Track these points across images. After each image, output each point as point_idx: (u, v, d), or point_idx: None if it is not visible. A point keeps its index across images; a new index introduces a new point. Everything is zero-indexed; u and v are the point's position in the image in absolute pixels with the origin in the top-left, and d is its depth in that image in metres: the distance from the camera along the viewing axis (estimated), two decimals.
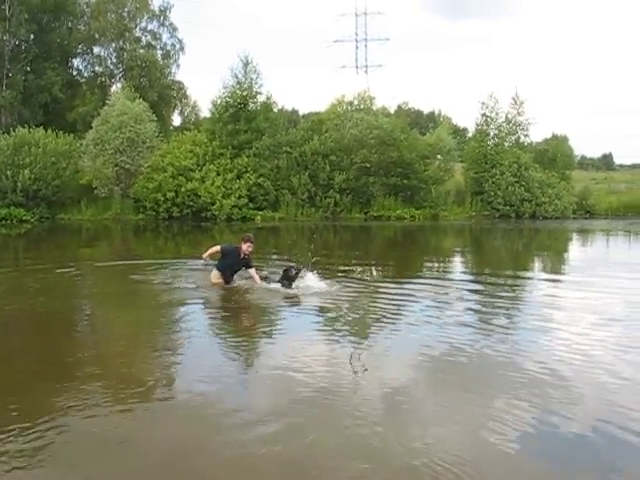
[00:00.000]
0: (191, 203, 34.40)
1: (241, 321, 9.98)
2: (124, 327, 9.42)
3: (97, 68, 50.15)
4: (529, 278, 15.61)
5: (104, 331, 9.36)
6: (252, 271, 11.95)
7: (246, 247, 11.82)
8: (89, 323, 10.29)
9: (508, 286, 13.52)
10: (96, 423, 5.31)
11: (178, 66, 51.65)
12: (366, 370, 7.06)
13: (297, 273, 11.48)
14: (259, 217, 34.36)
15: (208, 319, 10.07)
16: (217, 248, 12.27)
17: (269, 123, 37.70)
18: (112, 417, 5.44)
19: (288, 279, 11.48)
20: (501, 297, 12.01)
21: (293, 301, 10.92)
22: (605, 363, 7.40)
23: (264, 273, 12.48)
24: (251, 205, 34.88)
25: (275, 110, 41.38)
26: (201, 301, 11.13)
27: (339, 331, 8.89)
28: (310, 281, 11.53)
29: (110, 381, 6.48)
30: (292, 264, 12.09)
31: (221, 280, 11.97)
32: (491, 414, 5.66)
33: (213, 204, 34.05)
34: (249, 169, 35.37)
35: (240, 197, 34.32)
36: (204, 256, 12.25)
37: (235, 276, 12.13)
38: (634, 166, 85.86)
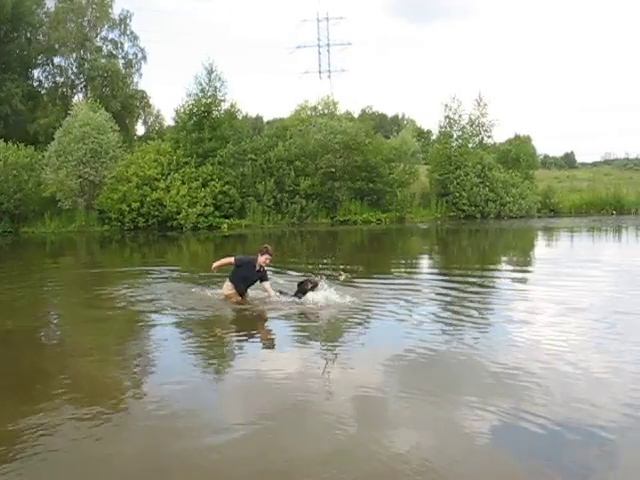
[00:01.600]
0: (156, 213, 34.23)
1: (217, 330, 9.65)
2: (92, 338, 9.28)
3: (58, 79, 49.79)
4: (497, 275, 15.94)
5: (71, 342, 9.21)
6: (267, 284, 11.18)
7: (264, 259, 11.01)
8: (56, 335, 10.08)
9: (477, 283, 13.76)
10: (66, 438, 5.24)
11: (140, 75, 51.55)
12: (341, 374, 7.07)
13: (314, 287, 10.82)
14: (225, 225, 34.25)
15: (181, 328, 9.73)
16: (230, 260, 11.35)
17: (234, 130, 37.69)
18: (83, 432, 5.35)
19: (304, 292, 10.84)
20: (471, 294, 12.18)
21: (286, 311, 10.49)
22: (574, 354, 7.63)
23: (279, 287, 11.78)
24: (217, 213, 34.76)
25: (239, 117, 41.36)
26: (174, 310, 10.73)
27: (315, 336, 8.96)
28: (327, 293, 10.84)
29: (79, 394, 6.40)
30: (309, 277, 11.33)
31: (234, 291, 11.18)
32: (465, 414, 5.72)
33: (179, 213, 33.90)
34: (214, 177, 35.25)
35: (206, 205, 34.19)
36: (213, 267, 11.52)
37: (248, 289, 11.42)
38: (595, 164, 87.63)
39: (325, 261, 12.59)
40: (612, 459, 4.86)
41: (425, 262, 20.13)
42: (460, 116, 40.56)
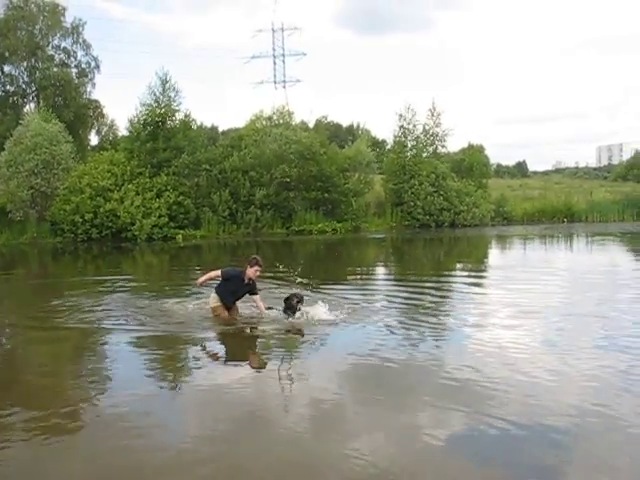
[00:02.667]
0: (110, 224, 33.80)
1: (171, 345, 9.32)
2: (44, 352, 9.12)
3: (8, 87, 48.74)
4: (453, 281, 16.36)
5: (22, 356, 9.08)
6: (257, 298, 10.62)
7: (253, 272, 10.36)
8: (6, 348, 9.90)
9: (432, 289, 13.99)
10: (16, 457, 5.16)
11: (94, 84, 50.70)
12: (296, 385, 7.09)
13: (299, 302, 10.22)
14: (180, 236, 34.02)
15: (138, 341, 9.46)
16: (216, 273, 10.59)
17: (188, 141, 37.35)
18: (35, 450, 5.26)
19: (291, 308, 10.26)
20: (426, 299, 12.36)
21: (261, 324, 10.26)
22: (529, 356, 7.91)
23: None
24: (172, 224, 34.50)
25: (194, 127, 41.10)
26: (130, 323, 10.48)
27: (271, 346, 8.99)
28: (317, 309, 10.31)
29: (30, 410, 6.28)
30: (294, 292, 10.75)
31: (220, 304, 10.48)
32: (422, 419, 5.84)
33: (133, 224, 33.52)
34: (169, 188, 35.01)
35: (160, 216, 33.90)
36: (199, 282, 10.91)
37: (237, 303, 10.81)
38: (547, 173, 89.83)
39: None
40: (567, 459, 4.97)
41: (382, 270, 20.42)
42: (414, 126, 41.03)
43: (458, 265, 21.15)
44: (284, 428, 5.70)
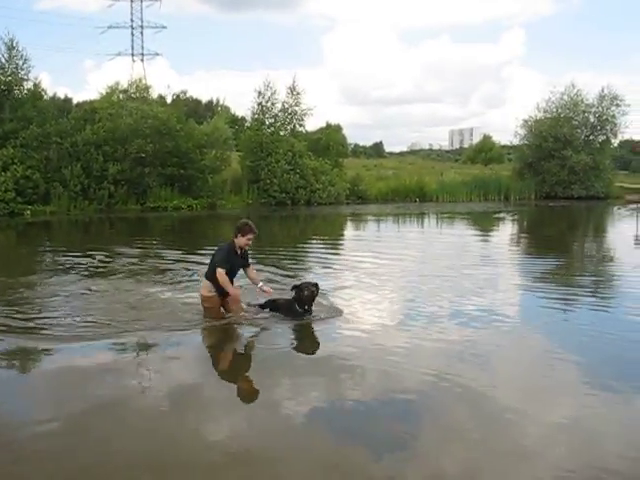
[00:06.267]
0: None
1: (29, 326, 8.49)
2: None
3: None
4: (309, 253, 17.23)
5: None
6: (250, 270, 9.21)
7: (245, 240, 8.76)
8: None
9: (290, 260, 14.70)
10: None
11: None
12: (160, 368, 6.99)
13: (313, 293, 8.67)
14: (29, 212, 32.53)
15: None
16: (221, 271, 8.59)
17: (37, 111, 35.76)
18: None
19: (300, 302, 8.64)
20: (286, 275, 12.55)
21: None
22: (383, 329, 8.40)
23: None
24: (19, 199, 32.78)
25: (45, 98, 39.45)
26: None
27: (126, 332, 8.26)
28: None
29: None
30: (305, 281, 9.43)
31: (214, 294, 8.81)
32: (280, 399, 6.01)
33: None
34: (16, 161, 33.28)
35: (7, 191, 32.18)
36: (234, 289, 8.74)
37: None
38: (402, 153, 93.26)
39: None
40: (421, 429, 5.32)
41: None
42: (273, 104, 41.34)
43: (315, 238, 22.12)
44: (139, 410, 5.72)
